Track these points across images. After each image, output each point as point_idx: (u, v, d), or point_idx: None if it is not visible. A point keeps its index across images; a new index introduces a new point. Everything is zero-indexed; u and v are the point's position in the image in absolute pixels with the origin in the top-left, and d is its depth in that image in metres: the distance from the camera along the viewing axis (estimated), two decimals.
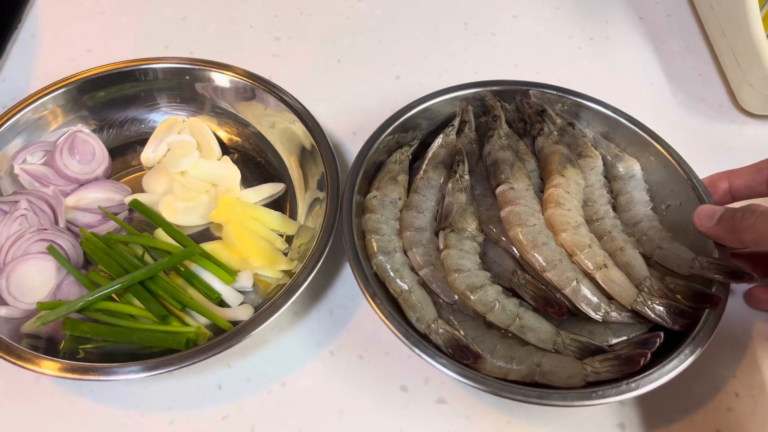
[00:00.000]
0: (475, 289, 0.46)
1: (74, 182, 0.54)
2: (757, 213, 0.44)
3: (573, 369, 0.43)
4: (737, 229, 0.45)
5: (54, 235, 0.50)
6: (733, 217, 0.45)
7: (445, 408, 0.47)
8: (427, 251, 0.49)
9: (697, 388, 0.48)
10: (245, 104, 0.58)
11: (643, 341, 0.44)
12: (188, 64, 0.57)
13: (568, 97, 0.56)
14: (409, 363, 0.48)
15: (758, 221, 0.44)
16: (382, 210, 0.50)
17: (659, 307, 0.44)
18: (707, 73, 0.69)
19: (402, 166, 0.53)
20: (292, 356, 0.49)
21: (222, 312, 0.48)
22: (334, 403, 0.47)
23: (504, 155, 0.52)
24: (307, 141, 0.54)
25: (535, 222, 0.47)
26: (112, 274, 0.49)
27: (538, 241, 0.46)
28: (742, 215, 0.45)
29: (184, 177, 0.55)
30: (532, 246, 0.46)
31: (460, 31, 0.72)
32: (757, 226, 0.44)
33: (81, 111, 0.57)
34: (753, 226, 0.44)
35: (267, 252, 0.51)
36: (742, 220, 0.45)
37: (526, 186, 0.50)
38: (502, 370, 0.44)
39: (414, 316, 0.46)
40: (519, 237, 0.47)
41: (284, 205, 0.55)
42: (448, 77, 0.67)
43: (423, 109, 0.55)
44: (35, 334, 0.46)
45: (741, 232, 0.45)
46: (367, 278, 0.46)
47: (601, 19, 0.73)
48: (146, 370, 0.42)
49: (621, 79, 0.68)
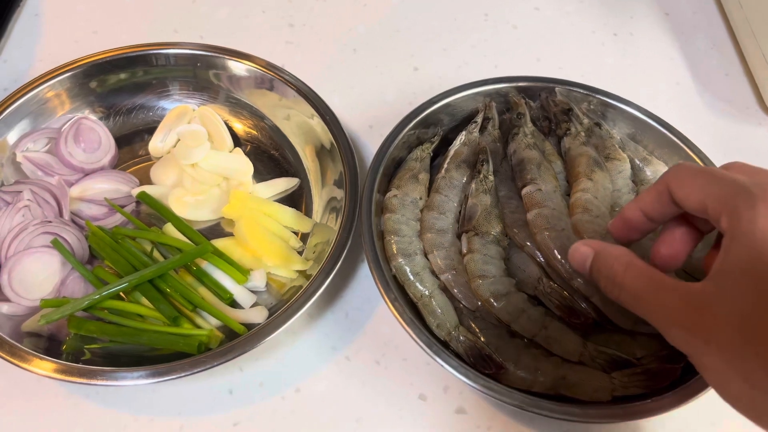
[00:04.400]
0: (500, 297, 0.44)
1: (79, 172, 0.52)
2: (625, 265, 0.35)
3: (600, 382, 0.42)
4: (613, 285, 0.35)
5: (58, 228, 0.47)
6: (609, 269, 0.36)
7: (464, 419, 0.45)
8: (449, 254, 0.47)
9: (724, 403, 0.47)
10: (260, 95, 0.56)
11: (671, 355, 0.43)
12: (204, 50, 0.55)
13: (595, 96, 0.54)
14: (428, 370, 0.47)
15: (627, 277, 0.34)
16: (403, 210, 0.48)
17: None
18: (734, 73, 0.67)
19: (423, 164, 0.51)
20: (307, 360, 0.47)
21: (234, 313, 0.46)
22: (350, 410, 0.45)
23: (530, 154, 0.50)
24: (324, 136, 0.52)
25: (563, 226, 0.45)
26: (120, 270, 0.47)
27: (566, 246, 0.44)
28: (600, 265, 0.36)
29: (194, 169, 0.52)
30: (560, 251, 0.44)
31: (480, 22, 0.69)
32: (627, 283, 0.34)
33: (88, 96, 0.55)
34: (623, 285, 0.35)
35: (281, 250, 0.49)
36: (605, 288, 0.36)
37: (553, 188, 0.48)
38: (526, 382, 0.42)
39: (434, 322, 0.44)
40: (546, 241, 0.45)
41: (299, 202, 0.53)
42: (467, 70, 0.65)
43: (444, 105, 0.53)
44: (37, 333, 0.44)
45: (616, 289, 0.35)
46: (387, 282, 0.44)
47: (625, 14, 0.71)
48: (156, 375, 0.40)
49: (646, 78, 0.66)
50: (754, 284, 0.28)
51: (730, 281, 0.29)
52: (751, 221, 0.29)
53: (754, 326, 0.28)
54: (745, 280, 0.28)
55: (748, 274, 0.28)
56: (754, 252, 0.28)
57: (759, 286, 0.28)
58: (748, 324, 0.28)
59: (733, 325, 0.28)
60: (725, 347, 0.29)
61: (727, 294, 0.29)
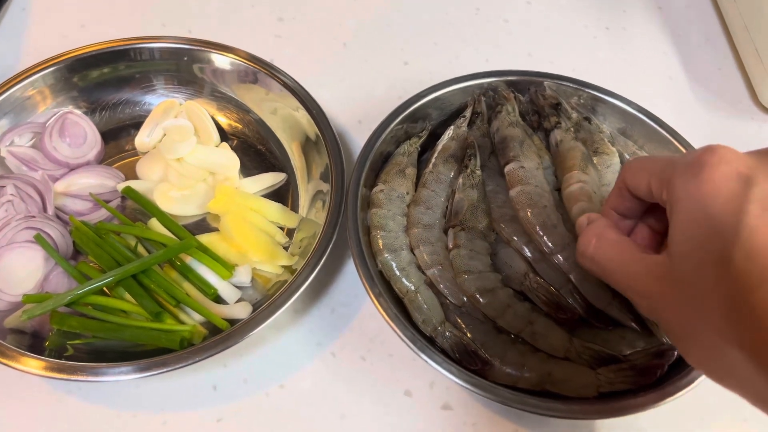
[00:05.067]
0: (486, 292, 0.43)
1: (64, 167, 0.52)
2: (597, 237, 0.35)
3: (586, 378, 0.42)
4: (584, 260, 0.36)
5: (42, 223, 0.47)
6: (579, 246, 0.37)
7: (450, 415, 0.45)
8: (436, 250, 0.46)
9: (714, 398, 0.46)
10: (246, 88, 0.55)
11: (660, 353, 0.42)
12: (187, 44, 0.54)
13: (585, 90, 0.54)
14: (414, 366, 0.46)
15: (598, 248, 0.35)
16: (389, 205, 0.48)
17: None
18: (727, 68, 0.67)
19: (410, 159, 0.51)
20: (292, 357, 0.47)
21: (218, 309, 0.46)
22: (335, 407, 0.45)
23: (513, 132, 0.49)
24: (310, 129, 0.52)
25: (545, 203, 0.45)
26: (103, 266, 0.46)
27: (548, 222, 0.44)
28: (580, 236, 0.37)
29: (180, 164, 0.52)
30: (541, 227, 0.44)
31: (472, 16, 0.69)
32: (598, 256, 0.35)
33: (71, 91, 0.54)
34: (593, 256, 0.35)
35: (267, 246, 0.48)
36: (577, 258, 0.37)
37: (536, 165, 0.47)
38: (512, 378, 0.42)
39: (420, 318, 0.44)
40: (528, 217, 0.44)
41: (285, 197, 0.53)
42: (458, 64, 0.65)
43: (433, 99, 0.53)
44: (19, 329, 0.43)
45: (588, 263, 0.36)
46: (372, 277, 0.44)
47: (618, 8, 0.70)
48: (138, 371, 0.39)
49: (638, 72, 0.66)
50: (694, 248, 0.29)
51: (676, 248, 0.30)
52: (683, 188, 0.30)
53: (698, 288, 0.29)
54: (688, 246, 0.29)
55: (689, 239, 0.29)
56: (690, 216, 0.29)
57: (698, 248, 0.29)
58: (693, 288, 0.29)
59: (683, 290, 0.30)
60: (681, 312, 0.30)
61: (675, 261, 0.30)
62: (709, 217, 0.28)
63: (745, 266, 0.26)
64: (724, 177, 0.28)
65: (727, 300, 0.27)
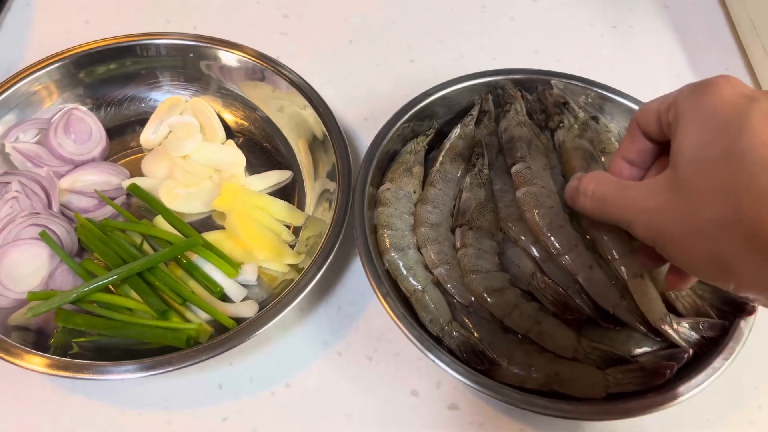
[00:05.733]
0: (494, 292, 0.43)
1: (69, 163, 0.52)
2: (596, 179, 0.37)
3: (594, 379, 0.41)
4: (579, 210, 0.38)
5: (47, 219, 0.47)
6: (572, 197, 0.39)
7: (457, 415, 0.45)
8: (443, 249, 0.46)
9: (720, 399, 0.46)
10: (253, 86, 0.55)
11: (670, 354, 0.42)
12: (194, 41, 0.54)
13: (593, 89, 0.53)
14: (420, 365, 0.46)
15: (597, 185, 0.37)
16: (396, 203, 0.48)
17: (685, 329, 0.42)
18: (734, 67, 0.66)
19: (417, 157, 0.51)
20: (298, 355, 0.46)
21: (224, 307, 0.45)
22: (341, 406, 0.45)
23: (521, 132, 0.49)
24: (317, 127, 0.51)
25: (551, 204, 0.45)
26: (109, 263, 0.46)
27: (555, 223, 0.44)
28: (575, 193, 0.38)
29: (185, 161, 0.52)
30: (548, 229, 0.43)
31: (478, 14, 0.68)
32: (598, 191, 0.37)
33: (77, 87, 0.54)
34: (594, 192, 0.37)
35: (273, 244, 0.48)
36: (576, 201, 0.38)
37: (543, 166, 0.47)
38: (519, 378, 0.42)
39: (427, 317, 0.44)
40: (535, 219, 0.44)
41: (291, 195, 0.53)
42: (464, 62, 0.64)
43: (440, 97, 0.52)
44: (24, 326, 0.43)
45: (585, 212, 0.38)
46: (380, 276, 0.44)
47: (625, 6, 0.70)
48: (144, 369, 0.39)
49: (645, 71, 0.65)
50: (698, 151, 0.31)
51: (681, 156, 0.32)
52: (689, 103, 0.32)
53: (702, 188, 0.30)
54: (692, 151, 0.31)
55: (694, 144, 0.31)
56: (695, 124, 0.31)
57: (702, 150, 0.31)
58: (697, 189, 0.30)
59: (686, 193, 0.31)
60: (683, 216, 0.31)
61: (679, 168, 0.32)
62: (715, 121, 0.31)
63: (748, 156, 0.29)
64: (731, 93, 0.31)
65: (733, 189, 0.29)
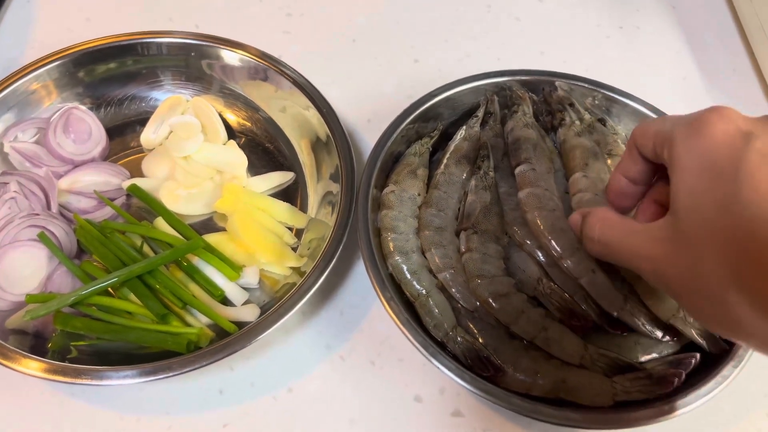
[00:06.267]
0: (499, 298, 0.43)
1: (68, 163, 0.51)
2: (600, 221, 0.37)
3: (601, 387, 0.41)
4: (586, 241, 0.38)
5: (46, 221, 0.46)
6: (578, 233, 0.38)
7: (461, 422, 0.44)
8: (447, 253, 0.45)
9: (728, 406, 0.46)
10: (255, 86, 0.54)
11: (678, 361, 0.42)
12: (196, 39, 0.53)
13: (599, 91, 0.53)
14: (424, 371, 0.46)
15: (601, 229, 0.36)
16: (400, 206, 0.47)
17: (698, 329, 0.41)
18: (742, 69, 0.65)
19: (422, 159, 0.50)
20: (300, 360, 0.46)
21: (225, 311, 0.45)
22: (343, 411, 0.44)
23: (527, 133, 0.48)
24: (320, 128, 0.51)
25: (554, 206, 0.44)
26: (108, 265, 0.45)
27: (556, 226, 0.43)
28: (582, 237, 0.38)
29: (187, 162, 0.51)
30: (549, 231, 0.43)
31: (483, 13, 0.68)
32: (604, 237, 0.36)
33: (77, 86, 0.53)
34: (600, 237, 0.36)
35: (275, 246, 0.47)
36: (584, 244, 0.37)
37: (547, 168, 0.46)
38: (525, 385, 0.41)
39: (431, 322, 0.43)
40: (537, 221, 0.43)
41: (294, 196, 0.52)
42: (469, 63, 0.64)
43: (445, 98, 0.52)
44: (22, 329, 0.43)
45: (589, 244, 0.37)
46: (383, 280, 0.43)
47: (631, 7, 0.69)
48: (143, 375, 0.39)
49: (651, 72, 0.65)
50: (696, 200, 0.30)
51: (679, 203, 0.31)
52: (684, 145, 0.31)
53: (702, 239, 0.29)
54: (690, 199, 0.30)
55: (691, 192, 0.30)
56: (692, 170, 0.30)
57: (700, 199, 0.29)
58: (697, 239, 0.29)
59: (687, 243, 0.30)
60: (685, 267, 0.30)
61: (679, 216, 0.30)
62: (710, 168, 0.29)
63: (746, 211, 0.27)
64: (725, 132, 0.29)
65: (730, 246, 0.28)
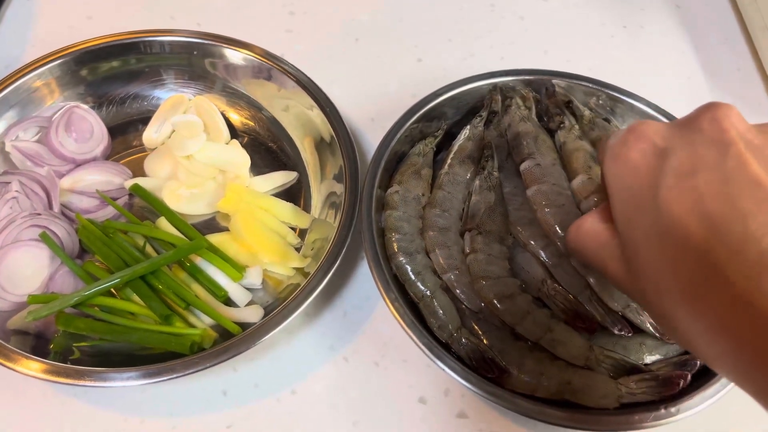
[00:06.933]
0: (504, 298, 0.42)
1: (70, 162, 0.51)
2: (575, 231, 0.34)
3: (606, 389, 0.40)
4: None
5: (48, 220, 0.46)
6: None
7: (465, 423, 0.44)
8: (452, 253, 0.45)
9: (734, 408, 0.45)
10: (258, 85, 0.54)
11: (683, 362, 0.41)
12: (199, 38, 0.53)
13: (603, 90, 0.52)
14: (429, 372, 0.45)
15: (577, 242, 0.34)
16: (404, 206, 0.47)
17: None
18: (746, 69, 0.65)
19: (426, 160, 0.50)
20: (303, 361, 0.46)
21: (229, 312, 0.44)
22: (347, 413, 0.44)
23: (526, 128, 0.48)
24: (324, 128, 0.50)
25: (563, 201, 0.44)
26: (111, 266, 0.45)
27: (566, 223, 0.42)
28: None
29: (189, 161, 0.51)
30: (561, 228, 0.43)
31: (486, 12, 0.67)
32: (577, 247, 0.34)
33: (78, 85, 0.53)
34: (574, 248, 0.35)
35: (278, 247, 0.47)
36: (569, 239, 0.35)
37: (552, 161, 0.46)
38: (530, 386, 0.41)
39: (436, 323, 0.43)
40: (547, 218, 0.43)
41: (297, 196, 0.52)
42: (472, 62, 0.63)
43: (449, 98, 0.51)
44: (24, 330, 0.42)
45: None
46: (387, 281, 0.43)
47: (635, 6, 0.69)
48: (146, 377, 0.38)
49: (656, 71, 0.64)
50: (628, 227, 0.29)
51: (618, 228, 0.30)
52: (609, 170, 0.30)
53: (641, 264, 0.29)
54: (623, 226, 0.30)
55: (622, 218, 0.30)
56: (618, 197, 0.30)
57: (630, 226, 0.29)
58: (637, 264, 0.29)
59: (633, 266, 0.30)
60: (638, 289, 0.30)
61: (622, 240, 0.30)
62: (632, 195, 0.29)
63: (667, 240, 0.27)
64: (641, 153, 0.29)
65: (662, 273, 0.27)
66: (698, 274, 0.26)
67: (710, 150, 0.27)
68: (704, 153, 0.27)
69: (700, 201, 0.26)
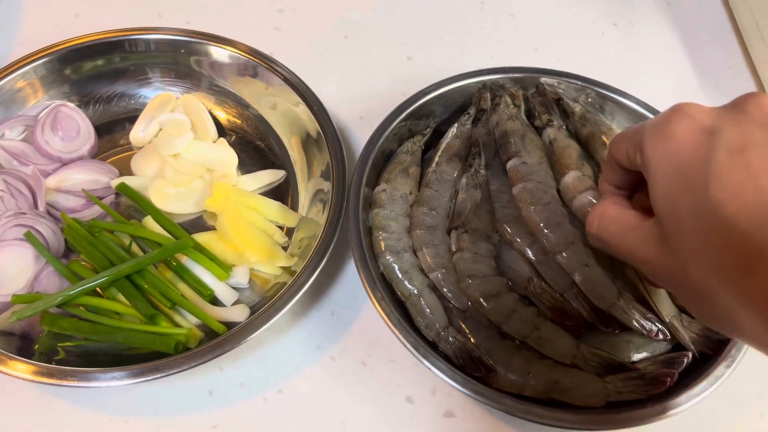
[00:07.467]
0: (490, 298, 0.42)
1: (56, 161, 0.50)
2: (598, 216, 0.35)
3: (594, 387, 0.40)
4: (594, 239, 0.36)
5: (33, 220, 0.46)
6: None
7: (453, 422, 0.44)
8: (439, 252, 0.45)
9: (721, 407, 0.45)
10: (245, 83, 0.54)
11: (670, 360, 0.41)
12: (185, 36, 0.52)
13: (593, 88, 0.52)
14: (416, 371, 0.45)
15: (600, 227, 0.35)
16: (392, 205, 0.46)
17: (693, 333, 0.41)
18: (737, 67, 0.65)
19: (414, 158, 0.49)
20: (290, 360, 0.45)
21: (215, 311, 0.44)
22: (334, 412, 0.44)
23: (513, 126, 0.48)
24: (311, 126, 0.50)
25: (548, 200, 0.44)
26: (96, 265, 0.45)
27: (552, 220, 0.43)
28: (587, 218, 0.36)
29: (176, 160, 0.50)
30: (545, 224, 0.43)
31: (477, 10, 0.67)
32: (602, 234, 0.35)
33: (63, 85, 0.52)
34: (598, 235, 0.35)
35: (265, 246, 0.47)
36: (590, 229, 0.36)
37: (538, 160, 0.46)
38: (517, 385, 0.41)
39: (423, 322, 0.43)
40: (532, 216, 0.43)
41: (284, 195, 0.51)
42: (463, 59, 0.63)
43: (438, 96, 0.51)
44: (8, 331, 0.42)
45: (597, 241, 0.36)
46: (374, 280, 0.43)
47: (626, 4, 0.69)
48: (131, 376, 0.38)
49: (646, 69, 0.64)
50: (672, 204, 0.29)
51: (658, 208, 0.31)
52: (652, 148, 0.31)
53: (684, 243, 0.29)
54: (666, 204, 0.30)
55: (666, 196, 0.30)
56: (663, 174, 0.30)
57: (675, 203, 0.29)
58: (679, 243, 0.29)
59: (672, 247, 0.30)
60: (675, 269, 0.30)
61: (661, 220, 0.30)
62: (679, 171, 0.29)
63: (720, 213, 0.27)
64: (689, 130, 0.29)
65: (711, 249, 0.27)
66: (752, 245, 0.26)
67: (759, 130, 0.28)
68: (753, 132, 0.28)
69: (753, 176, 0.26)
